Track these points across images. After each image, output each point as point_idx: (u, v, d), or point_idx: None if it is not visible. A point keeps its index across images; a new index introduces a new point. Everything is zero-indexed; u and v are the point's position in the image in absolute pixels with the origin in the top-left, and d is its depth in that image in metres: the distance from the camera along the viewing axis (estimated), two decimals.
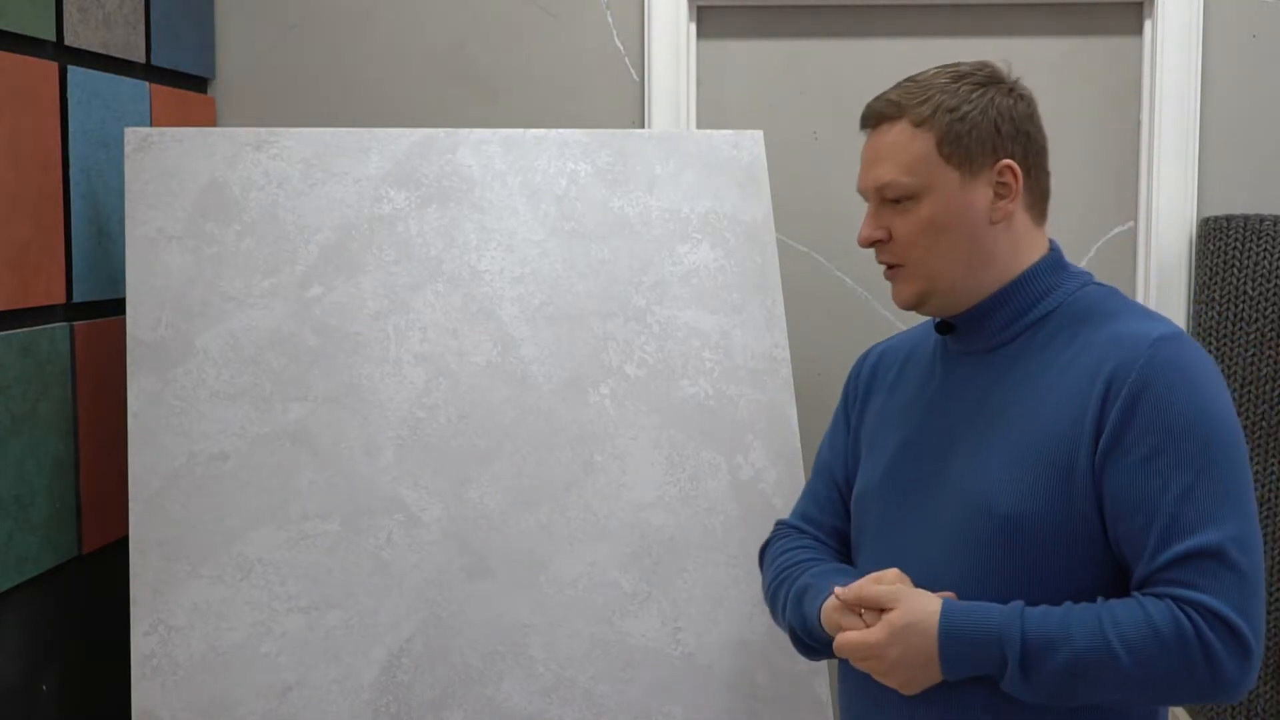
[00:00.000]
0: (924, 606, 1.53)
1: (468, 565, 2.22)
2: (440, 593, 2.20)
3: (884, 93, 1.67)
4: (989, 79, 1.65)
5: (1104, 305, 1.63)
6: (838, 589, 1.58)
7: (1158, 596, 1.48)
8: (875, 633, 1.54)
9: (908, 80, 1.67)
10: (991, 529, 1.55)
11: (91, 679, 2.38)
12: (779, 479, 2.31)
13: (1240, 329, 2.67)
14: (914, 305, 1.66)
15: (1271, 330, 2.66)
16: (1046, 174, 1.68)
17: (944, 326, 1.71)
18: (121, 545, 2.44)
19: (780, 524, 1.90)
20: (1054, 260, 1.67)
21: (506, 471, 2.26)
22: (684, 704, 2.20)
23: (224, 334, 2.26)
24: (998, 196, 1.63)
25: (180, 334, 2.25)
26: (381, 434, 2.25)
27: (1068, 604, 1.52)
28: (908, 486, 1.66)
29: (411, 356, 2.30)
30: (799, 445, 2.34)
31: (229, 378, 2.25)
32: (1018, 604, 1.52)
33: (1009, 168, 1.63)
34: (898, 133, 1.63)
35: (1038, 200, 1.67)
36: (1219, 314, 2.69)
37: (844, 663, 1.70)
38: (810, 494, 1.88)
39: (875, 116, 1.67)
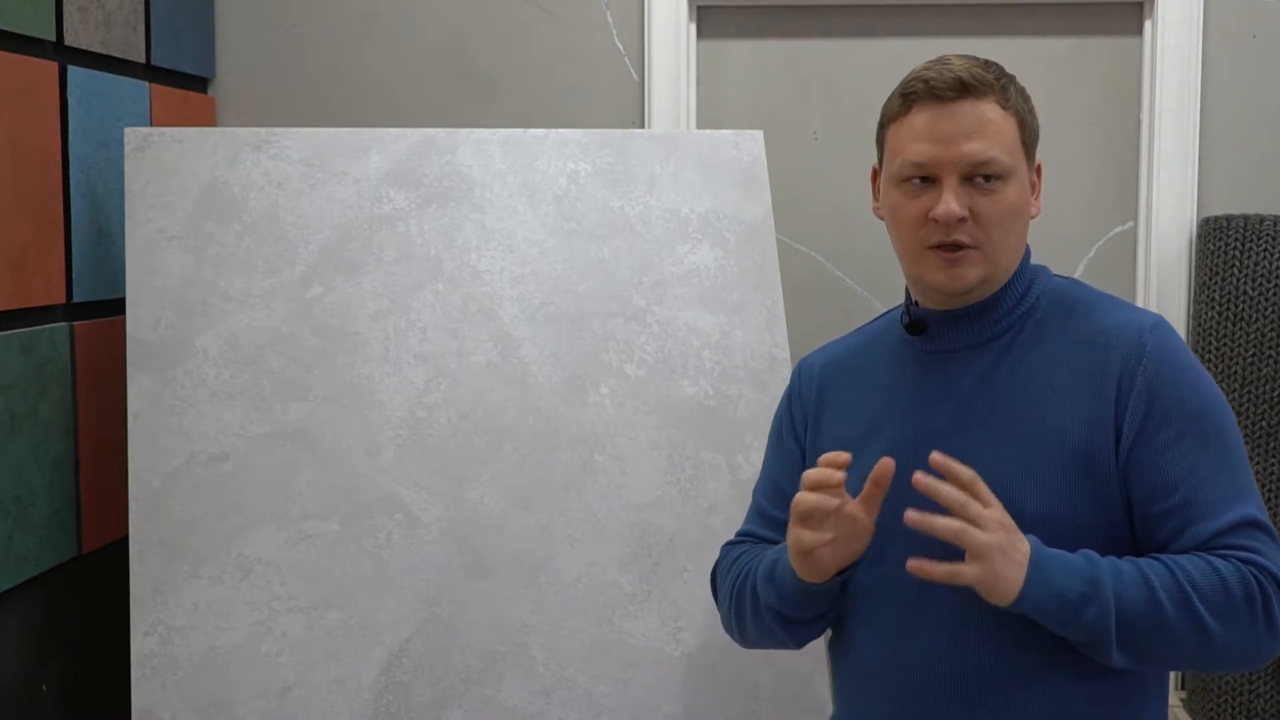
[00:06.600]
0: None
1: (468, 565, 2.22)
2: (440, 593, 2.20)
3: (949, 63, 1.59)
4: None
5: (1077, 296, 1.66)
6: (939, 456, 1.47)
7: (1221, 557, 1.49)
8: (990, 511, 1.46)
9: (962, 58, 1.60)
10: (1019, 529, 1.51)
11: (91, 679, 2.38)
12: None
13: (1240, 329, 2.67)
14: (969, 289, 1.60)
15: (1271, 330, 2.66)
16: None
17: (915, 327, 1.67)
18: (121, 545, 2.44)
19: (724, 545, 1.84)
20: (1028, 256, 1.68)
21: (506, 471, 2.26)
22: (684, 704, 2.20)
23: (224, 334, 2.26)
24: (1031, 192, 1.64)
25: (180, 334, 2.25)
26: (381, 434, 2.25)
27: (1130, 559, 1.51)
28: (900, 497, 1.59)
29: (411, 356, 2.30)
30: None
31: (229, 378, 2.24)
32: (1087, 552, 1.50)
33: (1039, 168, 1.65)
34: (989, 110, 1.57)
35: None
36: (1219, 314, 2.69)
37: (841, 653, 1.68)
38: (758, 516, 1.80)
39: (959, 87, 1.57)
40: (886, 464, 1.51)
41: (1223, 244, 2.69)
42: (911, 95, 1.59)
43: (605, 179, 2.43)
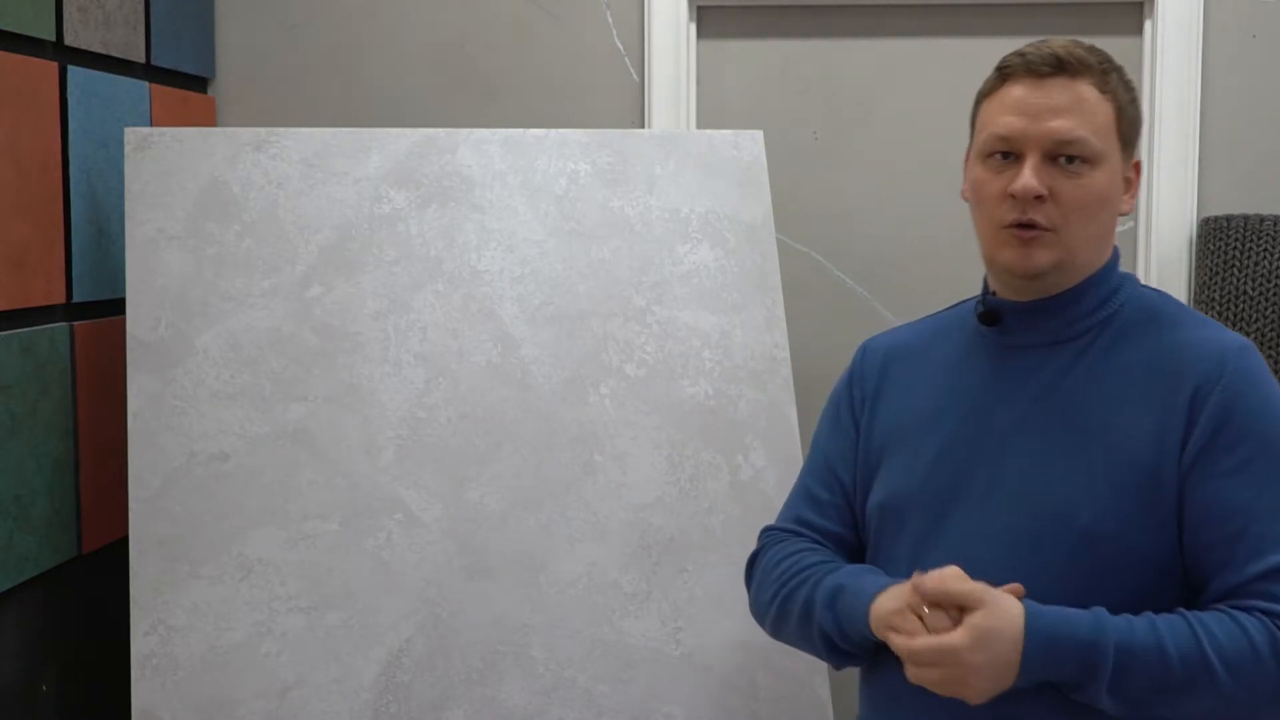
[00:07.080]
0: (1007, 609, 1.42)
1: (468, 565, 2.22)
2: (440, 593, 2.20)
3: (1049, 44, 1.55)
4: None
5: (1165, 309, 1.60)
6: (918, 578, 1.43)
7: (1247, 610, 1.43)
8: (957, 636, 1.40)
9: (1065, 39, 1.56)
10: (1067, 539, 1.48)
11: (91, 679, 2.38)
12: (779, 479, 2.30)
13: (1240, 329, 2.67)
14: (1040, 275, 1.55)
15: (1271, 330, 2.66)
16: None
17: (989, 317, 1.61)
18: (121, 545, 2.44)
19: (769, 531, 1.78)
20: (1118, 259, 1.63)
21: (506, 471, 2.26)
22: (684, 704, 2.20)
23: (224, 334, 2.26)
24: (1125, 189, 1.59)
25: (180, 334, 2.25)
26: (381, 434, 2.25)
27: (1149, 614, 1.44)
28: (955, 490, 1.57)
29: (411, 356, 2.30)
30: (799, 445, 2.34)
31: (229, 378, 2.24)
32: (1099, 610, 1.44)
33: (1138, 165, 1.60)
34: (1085, 90, 1.53)
35: None
36: (1219, 314, 2.69)
37: (874, 668, 1.62)
38: (806, 499, 1.76)
39: (1055, 63, 1.53)
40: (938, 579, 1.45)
41: (1223, 244, 2.69)
42: (1007, 69, 1.56)
43: (605, 179, 2.43)
